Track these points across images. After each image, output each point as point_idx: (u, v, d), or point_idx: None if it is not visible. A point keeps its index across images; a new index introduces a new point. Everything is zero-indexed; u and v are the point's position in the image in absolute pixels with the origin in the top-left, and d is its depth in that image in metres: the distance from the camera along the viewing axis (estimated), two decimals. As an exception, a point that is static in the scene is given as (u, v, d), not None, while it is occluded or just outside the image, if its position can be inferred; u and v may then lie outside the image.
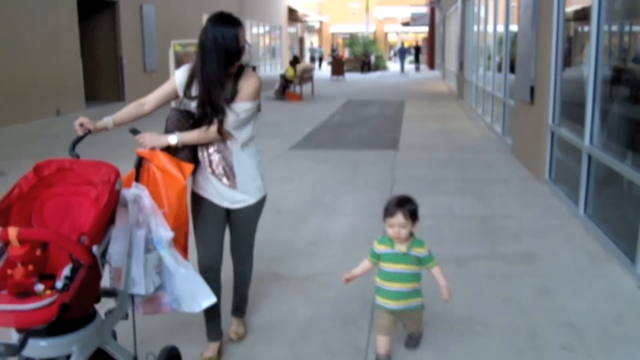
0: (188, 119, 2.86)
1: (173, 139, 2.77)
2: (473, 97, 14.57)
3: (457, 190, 6.59)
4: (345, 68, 29.95)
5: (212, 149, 2.90)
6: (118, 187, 2.43)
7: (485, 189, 6.61)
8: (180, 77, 2.94)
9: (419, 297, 3.02)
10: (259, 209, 3.13)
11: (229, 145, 2.91)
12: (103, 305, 2.47)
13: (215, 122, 2.80)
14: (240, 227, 3.14)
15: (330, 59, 33.68)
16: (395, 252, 2.92)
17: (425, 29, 39.13)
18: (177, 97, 2.98)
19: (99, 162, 2.51)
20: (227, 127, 2.84)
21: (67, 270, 2.16)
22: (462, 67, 17.21)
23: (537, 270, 4.29)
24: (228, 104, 2.82)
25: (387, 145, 9.68)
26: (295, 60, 18.86)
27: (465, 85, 16.28)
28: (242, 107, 2.85)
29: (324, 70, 34.96)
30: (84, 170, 2.49)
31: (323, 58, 43.86)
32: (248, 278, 3.35)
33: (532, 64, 7.25)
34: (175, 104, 3.02)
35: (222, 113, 2.81)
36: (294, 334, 3.40)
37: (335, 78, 27.48)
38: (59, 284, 2.11)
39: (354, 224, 5.39)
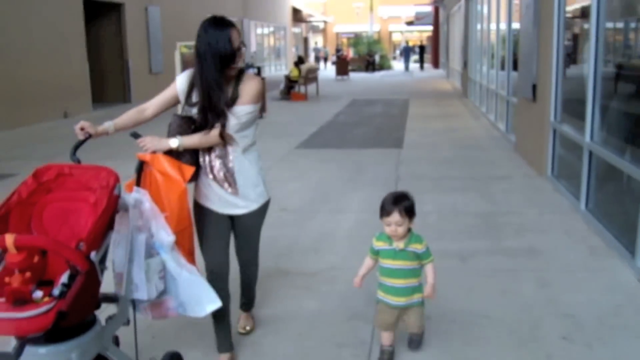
0: (190, 125, 2.86)
1: (174, 143, 2.77)
2: (477, 95, 14.62)
3: (460, 188, 6.67)
4: (350, 68, 29.97)
5: (213, 155, 2.90)
6: (117, 192, 2.41)
7: (489, 186, 6.69)
8: (181, 83, 2.94)
9: (420, 293, 3.03)
10: (262, 215, 3.13)
11: (231, 151, 2.91)
12: (104, 311, 2.47)
13: (217, 125, 2.80)
14: (244, 233, 3.14)
15: (335, 59, 33.74)
16: (393, 248, 2.94)
17: (430, 28, 39.17)
18: (178, 103, 2.99)
19: (99, 166, 2.49)
20: (229, 130, 2.84)
21: (64, 277, 2.15)
22: (466, 66, 17.27)
23: (538, 264, 4.37)
24: (229, 108, 2.82)
25: (391, 144, 9.75)
26: (300, 61, 18.95)
27: (470, 84, 16.33)
28: (243, 110, 2.85)
29: (329, 70, 35.03)
30: (84, 176, 2.47)
31: (328, 58, 43.96)
32: (254, 279, 3.40)
33: (534, 62, 7.32)
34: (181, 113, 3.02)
35: (223, 117, 2.81)
36: (301, 327, 3.50)
37: (340, 78, 27.53)
38: (56, 291, 2.09)
39: (359, 221, 5.48)
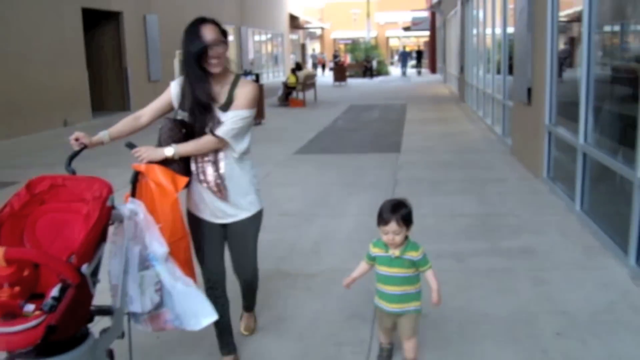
0: (181, 128, 2.83)
1: (169, 151, 2.73)
2: (474, 99, 14.74)
3: (458, 190, 6.75)
4: (348, 74, 30.08)
5: (205, 160, 2.86)
6: (110, 203, 2.37)
7: (486, 189, 6.78)
8: (175, 88, 2.94)
9: (417, 301, 3.00)
10: (255, 224, 3.07)
11: (223, 157, 2.87)
12: (97, 324, 2.48)
13: (208, 131, 2.78)
14: (237, 241, 3.07)
15: (333, 65, 33.85)
16: (389, 255, 2.94)
17: (427, 33, 39.35)
18: (172, 109, 2.96)
19: (93, 177, 2.47)
20: (224, 135, 2.79)
21: (55, 291, 2.11)
22: (462, 70, 17.39)
23: (534, 264, 4.46)
24: (224, 112, 2.81)
25: (389, 149, 9.84)
26: (297, 67, 19.06)
27: (466, 88, 16.45)
28: (238, 114, 2.82)
29: (327, 76, 35.16)
30: (77, 187, 2.45)
31: (326, 64, 44.11)
32: (253, 287, 3.36)
33: (528, 66, 7.42)
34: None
35: (209, 111, 2.79)
36: (302, 327, 3.58)
37: (338, 84, 27.65)
38: (46, 306, 2.06)
39: (358, 224, 5.55)
